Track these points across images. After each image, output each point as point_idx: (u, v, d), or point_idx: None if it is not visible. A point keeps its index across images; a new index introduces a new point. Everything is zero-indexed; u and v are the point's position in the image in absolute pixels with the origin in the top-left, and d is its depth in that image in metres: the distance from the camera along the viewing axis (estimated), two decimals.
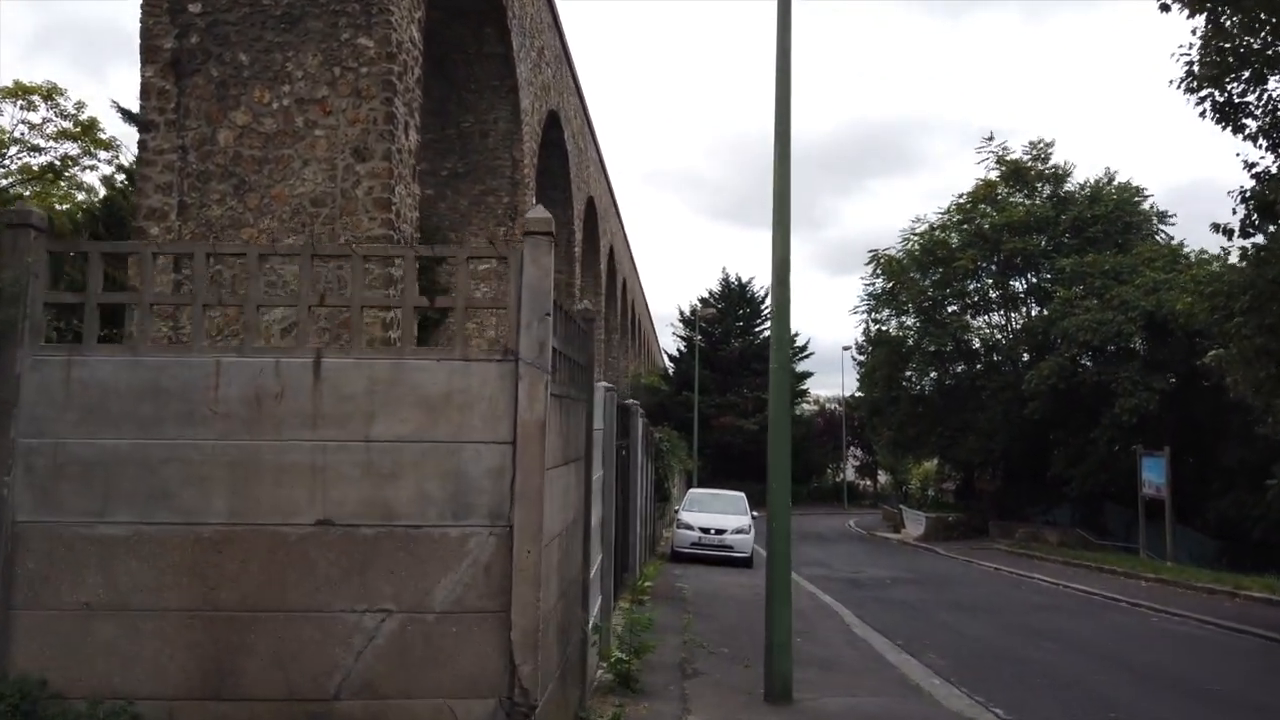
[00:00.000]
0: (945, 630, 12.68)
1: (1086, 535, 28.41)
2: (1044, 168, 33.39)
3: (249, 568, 4.05)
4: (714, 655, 9.29)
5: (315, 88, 12.72)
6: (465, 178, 22.39)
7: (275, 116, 12.54)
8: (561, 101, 27.54)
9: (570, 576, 5.54)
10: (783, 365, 7.29)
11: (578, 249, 31.97)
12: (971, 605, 15.46)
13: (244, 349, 4.18)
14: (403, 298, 4.25)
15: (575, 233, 31.73)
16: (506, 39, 19.19)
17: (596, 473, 7.48)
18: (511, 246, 4.32)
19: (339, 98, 12.61)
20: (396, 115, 12.60)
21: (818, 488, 61.49)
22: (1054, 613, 14.89)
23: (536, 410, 4.13)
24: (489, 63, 20.80)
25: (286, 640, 4.03)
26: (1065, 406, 28.66)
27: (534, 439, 4.12)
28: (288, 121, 12.54)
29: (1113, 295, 25.93)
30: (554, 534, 4.78)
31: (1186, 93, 14.17)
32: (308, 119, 12.67)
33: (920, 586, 18.40)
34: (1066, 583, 19.30)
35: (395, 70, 12.60)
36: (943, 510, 37.23)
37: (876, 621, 13.13)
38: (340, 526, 4.08)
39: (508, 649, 4.05)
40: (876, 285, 35.22)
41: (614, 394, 8.55)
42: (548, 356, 4.18)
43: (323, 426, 4.11)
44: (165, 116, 12.77)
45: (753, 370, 56.42)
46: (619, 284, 46.83)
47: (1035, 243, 30.92)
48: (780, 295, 7.35)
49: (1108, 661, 10.68)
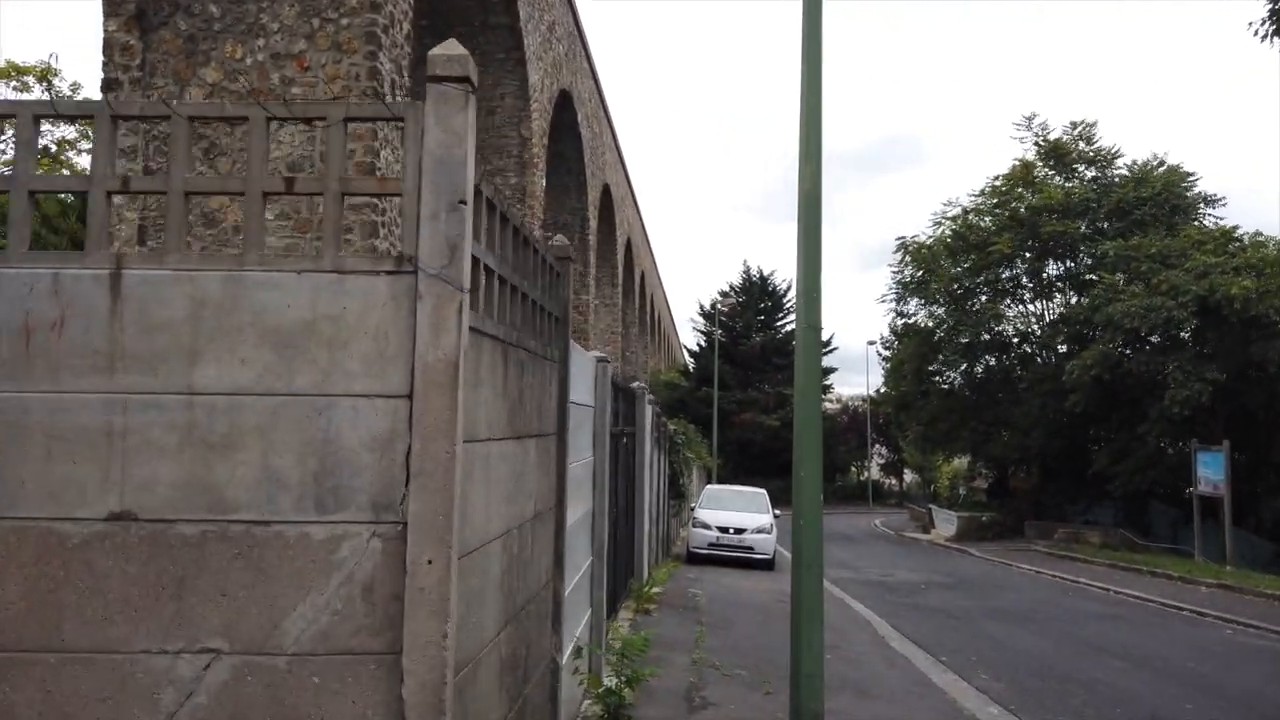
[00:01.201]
0: (993, 644, 11.15)
1: (1131, 536, 26.65)
2: (1087, 148, 31.60)
3: (4, 585, 2.66)
4: (729, 678, 7.84)
5: (292, 41, 11.38)
6: None
7: (248, 73, 11.25)
8: (575, 82, 26.23)
9: (528, 592, 4.11)
10: (813, 325, 5.82)
11: (592, 237, 30.68)
12: (1018, 613, 13.90)
13: (8, 255, 2.79)
14: (246, 178, 2.82)
15: (590, 220, 30.44)
16: (513, 8, 17.85)
17: (580, 457, 6.05)
18: (408, 104, 2.89)
19: (318, 52, 11.28)
20: (381, 72, 11.24)
21: (841, 486, 59.88)
22: (1112, 623, 13.30)
23: (444, 346, 2.71)
24: (495, 34, 19.49)
25: (58, 696, 2.63)
26: (1109, 399, 26.92)
27: (441, 389, 2.70)
28: (262, 79, 11.25)
29: (1160, 280, 24.17)
30: (490, 535, 3.36)
31: (1267, 39, 12.57)
32: (284, 76, 11.36)
33: (958, 592, 16.84)
34: (1117, 588, 17.66)
35: (380, 22, 11.23)
36: (975, 510, 35.48)
37: (914, 633, 11.62)
38: (146, 523, 2.68)
39: (399, 710, 2.64)
40: (905, 273, 33.58)
41: (608, 366, 7.12)
42: (463, 266, 2.75)
43: (124, 371, 2.71)
44: (130, 74, 11.49)
45: (774, 365, 54.89)
46: (637, 277, 45.44)
47: (1075, 227, 29.15)
48: (809, 221, 5.88)
49: (1191, 686, 9.13)
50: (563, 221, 30.08)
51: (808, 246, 5.96)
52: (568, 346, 4.97)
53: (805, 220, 5.98)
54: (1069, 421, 29.26)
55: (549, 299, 4.70)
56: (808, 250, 5.96)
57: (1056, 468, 31.74)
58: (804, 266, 5.94)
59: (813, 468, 5.69)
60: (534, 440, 4.21)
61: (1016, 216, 30.35)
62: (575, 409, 5.58)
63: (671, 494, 19.92)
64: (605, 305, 38.32)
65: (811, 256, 5.95)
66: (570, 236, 30.46)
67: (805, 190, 6.02)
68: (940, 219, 32.69)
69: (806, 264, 5.94)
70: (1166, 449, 25.89)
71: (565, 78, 24.34)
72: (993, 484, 39.87)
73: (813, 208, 6.00)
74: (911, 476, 66.14)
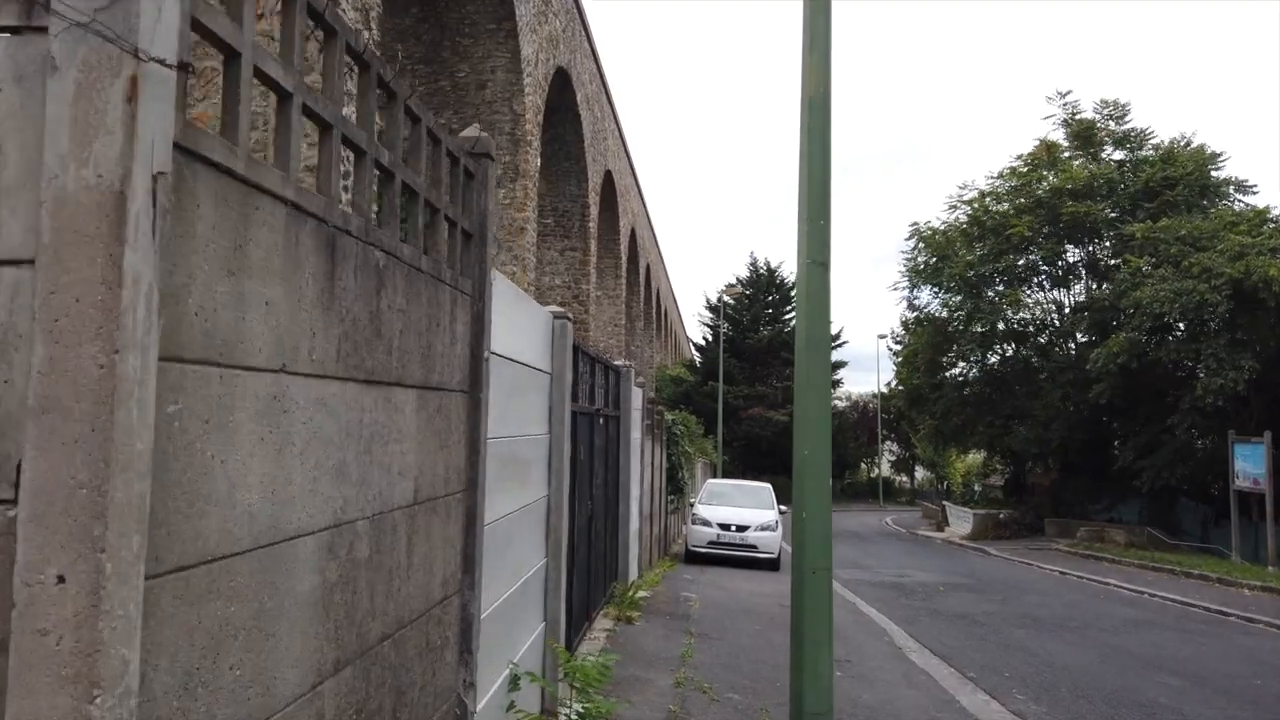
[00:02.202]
0: (1026, 656, 9.81)
1: (1159, 534, 25.19)
2: (1117, 128, 30.05)
3: None
4: (719, 703, 6.52)
5: None
6: None
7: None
8: (574, 61, 25.00)
9: (399, 613, 2.80)
10: (818, 260, 4.49)
11: (593, 225, 29.46)
12: (1050, 620, 12.53)
13: None
14: None
15: (591, 207, 29.22)
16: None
17: (523, 431, 4.74)
18: None
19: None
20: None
21: (852, 484, 58.46)
22: (1155, 631, 11.93)
23: (101, 162, 1.41)
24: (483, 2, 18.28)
25: None
26: (1134, 390, 25.47)
27: (89, 245, 1.40)
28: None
29: (1192, 262, 22.69)
30: (286, 529, 2.05)
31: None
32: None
33: (979, 595, 15.47)
34: (1151, 590, 16.25)
35: None
36: (991, 507, 34.00)
37: (935, 643, 10.29)
38: None
39: None
40: (918, 260, 32.13)
41: (568, 326, 5.80)
42: (146, 8, 1.45)
43: None
44: None
45: (782, 359, 53.49)
46: (642, 269, 44.16)
47: (1098, 209, 27.66)
48: (814, 132, 4.55)
49: (1269, 711, 7.77)
50: (563, 208, 28.93)
51: (811, 164, 4.64)
52: (485, 275, 3.65)
53: (810, 131, 4.66)
54: (1091, 414, 27.80)
55: (454, 205, 3.39)
56: (811, 170, 4.64)
57: (1077, 462, 30.25)
58: (808, 188, 4.62)
59: (818, 444, 4.37)
60: (412, 392, 2.89)
61: (1036, 198, 28.89)
62: (506, 366, 4.27)
63: (670, 489, 18.59)
64: (609, 297, 37.15)
65: (816, 177, 4.63)
66: (570, 224, 29.27)
67: (810, 93, 4.70)
68: (956, 202, 31.23)
69: (811, 186, 4.62)
70: (1196, 442, 24.40)
71: (563, 55, 23.14)
72: (1009, 480, 38.40)
73: (818, 115, 4.68)
74: (923, 473, 64.65)
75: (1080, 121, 30.14)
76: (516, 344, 4.56)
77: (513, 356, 4.43)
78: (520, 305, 4.78)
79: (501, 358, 4.10)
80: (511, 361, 4.40)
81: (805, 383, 4.39)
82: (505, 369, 4.25)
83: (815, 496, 4.38)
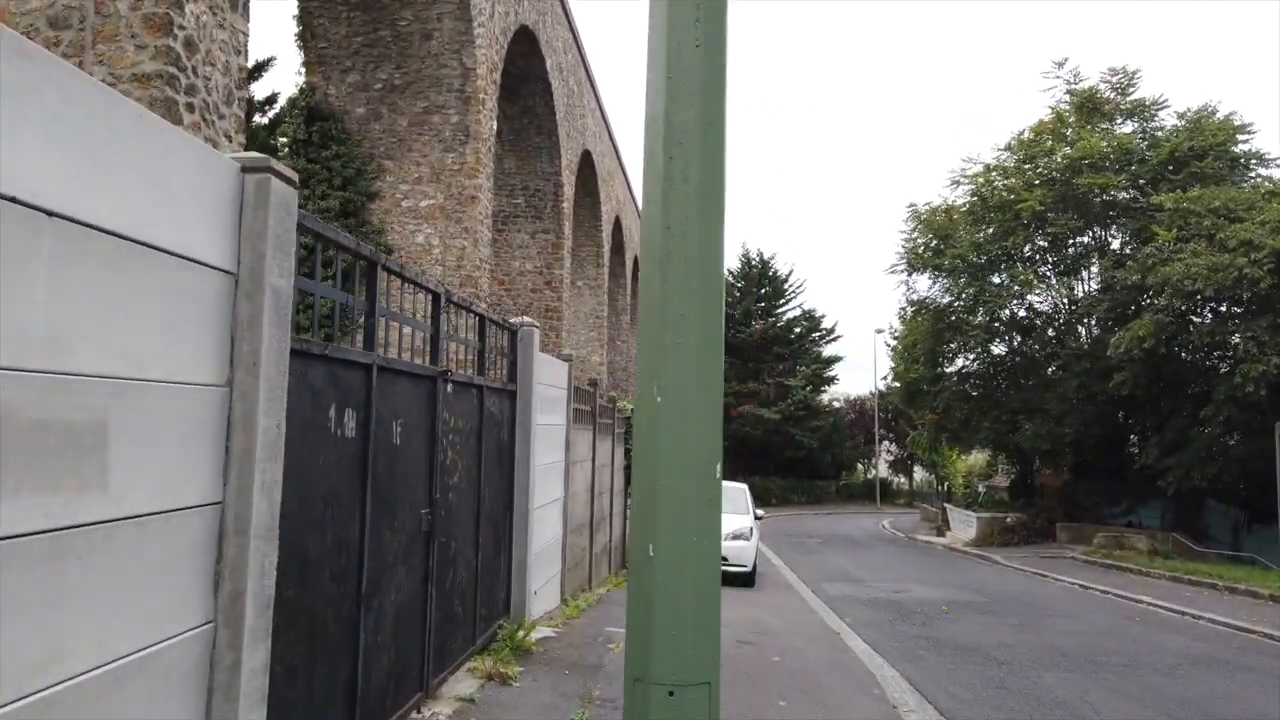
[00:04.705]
0: (1064, 716, 7.20)
1: (1185, 541, 22.56)
2: (1125, 100, 27.42)
3: None
4: None
5: None
6: (404, 92, 17.28)
7: None
8: (542, 24, 22.45)
9: None
10: None
11: (567, 205, 26.91)
12: (1083, 656, 9.92)
13: None
14: None
15: (565, 186, 26.67)
16: None
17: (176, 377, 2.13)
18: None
19: None
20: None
21: (847, 485, 55.85)
22: (1224, 672, 9.31)
23: None
24: None
25: None
26: (1157, 380, 22.85)
27: None
28: None
29: (1229, 235, 20.06)
30: None
31: None
32: None
33: (992, 617, 12.86)
34: (1196, 611, 13.63)
35: None
36: (997, 509, 31.32)
37: (941, 695, 7.70)
38: None
39: None
40: (916, 242, 29.46)
41: (291, 191, 3.20)
42: None
43: None
44: None
45: (775, 355, 51.06)
46: (628, 261, 41.59)
47: (1116, 181, 25.01)
48: None
49: None
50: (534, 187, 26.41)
51: None
52: None
53: None
54: (1108, 408, 25.17)
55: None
56: None
57: (1091, 461, 27.59)
58: None
59: (695, 310, 1.76)
60: None
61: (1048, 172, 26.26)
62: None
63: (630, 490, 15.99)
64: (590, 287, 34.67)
65: None
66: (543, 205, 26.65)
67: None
68: (959, 178, 28.54)
69: None
70: (1230, 438, 21.74)
71: (527, 13, 20.64)
72: (1015, 481, 35.75)
73: None
74: (922, 474, 62.00)
75: (1084, 92, 27.51)
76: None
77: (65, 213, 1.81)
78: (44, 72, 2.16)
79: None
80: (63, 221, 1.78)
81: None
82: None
83: (685, 514, 1.77)
